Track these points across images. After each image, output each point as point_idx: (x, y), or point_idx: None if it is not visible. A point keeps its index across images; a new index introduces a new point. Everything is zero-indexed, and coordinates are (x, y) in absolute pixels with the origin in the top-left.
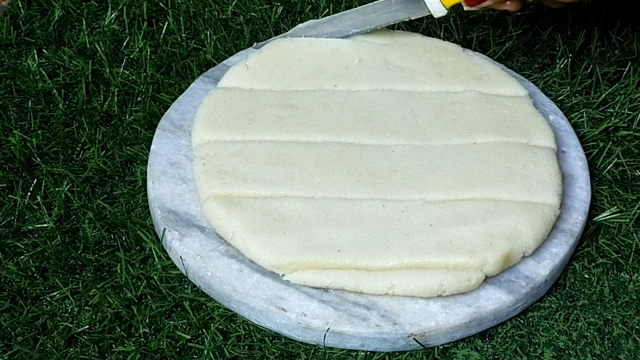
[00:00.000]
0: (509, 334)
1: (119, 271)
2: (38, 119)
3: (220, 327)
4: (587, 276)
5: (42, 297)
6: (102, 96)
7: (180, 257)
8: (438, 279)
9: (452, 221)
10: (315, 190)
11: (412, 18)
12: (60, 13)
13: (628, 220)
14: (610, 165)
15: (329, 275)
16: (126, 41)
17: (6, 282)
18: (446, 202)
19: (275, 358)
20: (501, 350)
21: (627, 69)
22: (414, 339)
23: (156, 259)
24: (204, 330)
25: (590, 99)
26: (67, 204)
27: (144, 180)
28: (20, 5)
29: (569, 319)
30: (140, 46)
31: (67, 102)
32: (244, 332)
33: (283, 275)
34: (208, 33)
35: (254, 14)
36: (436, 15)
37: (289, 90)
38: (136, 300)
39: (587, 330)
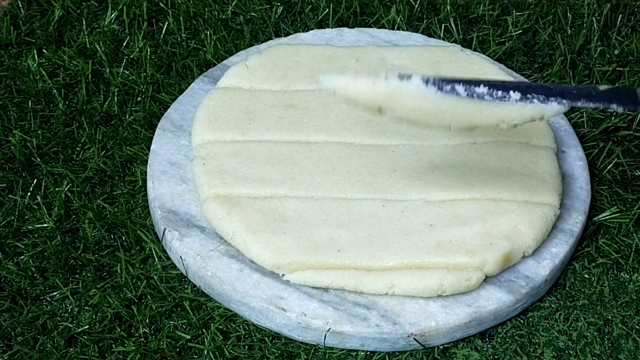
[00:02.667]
0: (509, 334)
1: (119, 271)
2: (38, 119)
3: (220, 327)
4: (587, 276)
5: (42, 297)
6: (102, 96)
7: (180, 257)
8: (438, 278)
9: (452, 221)
10: (315, 190)
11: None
12: (60, 13)
13: (628, 220)
14: (610, 165)
15: (329, 275)
16: (126, 41)
17: (6, 282)
18: (446, 202)
19: (275, 358)
20: (501, 350)
21: (626, 68)
22: (414, 338)
23: (156, 259)
24: (204, 330)
25: None
26: (67, 204)
27: (144, 180)
28: (20, 5)
29: (569, 319)
30: (140, 46)
31: (67, 102)
32: (244, 332)
33: (283, 275)
34: (208, 33)
35: (254, 14)
36: None
37: (289, 90)
38: (136, 300)
39: (587, 330)
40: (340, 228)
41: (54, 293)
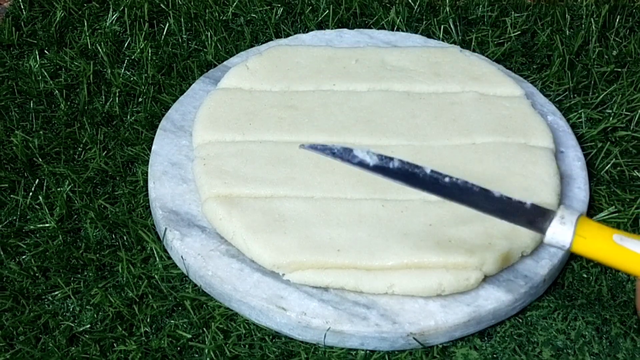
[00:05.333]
0: (507, 333)
1: (120, 271)
2: (40, 120)
3: (221, 326)
4: (585, 275)
5: (44, 297)
6: (103, 97)
7: (181, 256)
8: (437, 278)
9: (451, 221)
10: (315, 190)
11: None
12: (62, 14)
13: (626, 220)
14: (609, 166)
15: (329, 274)
16: (127, 42)
17: (8, 281)
18: (446, 202)
19: (275, 357)
20: (500, 349)
21: (624, 69)
22: (414, 338)
23: (157, 259)
24: (204, 329)
25: (589, 99)
26: (69, 204)
27: (145, 181)
28: (22, 7)
29: (567, 318)
30: (141, 47)
31: (68, 103)
32: (244, 331)
33: (283, 274)
34: (209, 34)
35: (254, 15)
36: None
37: (289, 90)
38: (137, 300)
39: (586, 329)
40: (340, 228)
41: (56, 292)
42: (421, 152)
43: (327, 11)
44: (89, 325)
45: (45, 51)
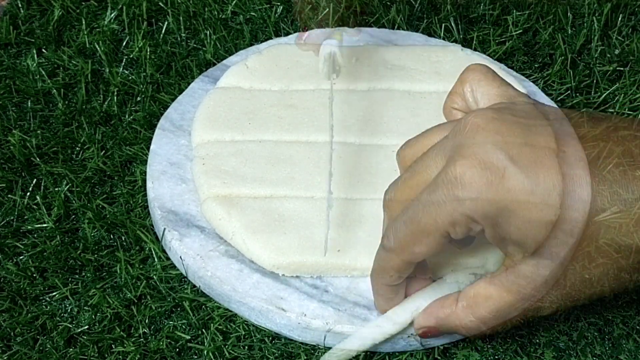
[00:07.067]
0: (509, 334)
1: (118, 271)
2: (37, 119)
3: (220, 327)
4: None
5: (41, 297)
6: (101, 96)
7: (180, 257)
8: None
9: None
10: (315, 190)
11: None
12: (60, 13)
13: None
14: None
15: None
16: (126, 41)
17: (5, 282)
18: None
19: (275, 358)
20: (501, 350)
21: (627, 68)
22: (414, 339)
23: (156, 259)
24: (203, 330)
25: (591, 98)
26: (67, 204)
27: (144, 180)
28: (19, 5)
29: (569, 319)
30: (139, 46)
31: (66, 102)
32: (243, 333)
33: (283, 275)
34: (208, 33)
35: (253, 14)
36: None
37: (289, 89)
38: (136, 301)
39: (588, 330)
40: (340, 228)
41: (54, 293)
42: None
43: (327, 9)
44: (87, 327)
45: (43, 50)
